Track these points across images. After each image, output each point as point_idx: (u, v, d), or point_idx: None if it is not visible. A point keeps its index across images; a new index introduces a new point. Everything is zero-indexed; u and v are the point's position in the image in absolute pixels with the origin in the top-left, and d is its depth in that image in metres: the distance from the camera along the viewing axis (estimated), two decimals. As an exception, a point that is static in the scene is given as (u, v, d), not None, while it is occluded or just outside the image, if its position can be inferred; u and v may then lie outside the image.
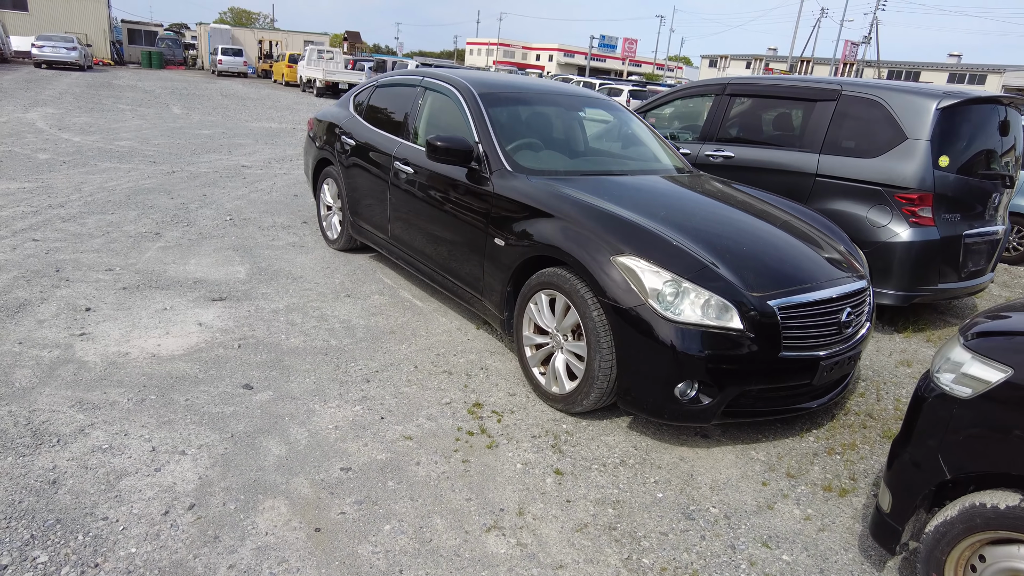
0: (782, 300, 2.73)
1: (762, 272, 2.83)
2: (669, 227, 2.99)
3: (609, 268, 2.81)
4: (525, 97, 4.12)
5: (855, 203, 4.51)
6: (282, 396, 3.13)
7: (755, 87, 5.34)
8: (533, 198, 3.29)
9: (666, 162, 4.27)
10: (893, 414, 3.44)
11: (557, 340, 3.14)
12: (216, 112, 16.61)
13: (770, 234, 3.20)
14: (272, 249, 5.44)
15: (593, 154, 4.19)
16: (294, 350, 3.62)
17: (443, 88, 4.19)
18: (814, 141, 4.79)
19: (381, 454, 2.73)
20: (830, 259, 3.16)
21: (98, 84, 21.85)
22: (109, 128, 12.00)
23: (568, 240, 3.01)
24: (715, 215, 3.30)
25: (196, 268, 4.83)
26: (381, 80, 5.06)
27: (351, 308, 4.27)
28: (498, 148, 3.62)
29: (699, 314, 2.65)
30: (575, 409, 3.06)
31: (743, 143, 5.27)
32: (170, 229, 5.80)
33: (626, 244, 2.83)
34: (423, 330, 4.02)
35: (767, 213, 3.51)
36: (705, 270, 2.73)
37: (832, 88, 4.75)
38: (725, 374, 2.67)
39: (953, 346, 1.98)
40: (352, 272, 4.99)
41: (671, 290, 2.68)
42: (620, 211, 3.06)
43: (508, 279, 3.37)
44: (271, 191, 7.81)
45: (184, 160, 9.43)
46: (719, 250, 2.89)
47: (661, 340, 2.65)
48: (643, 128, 4.54)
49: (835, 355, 2.88)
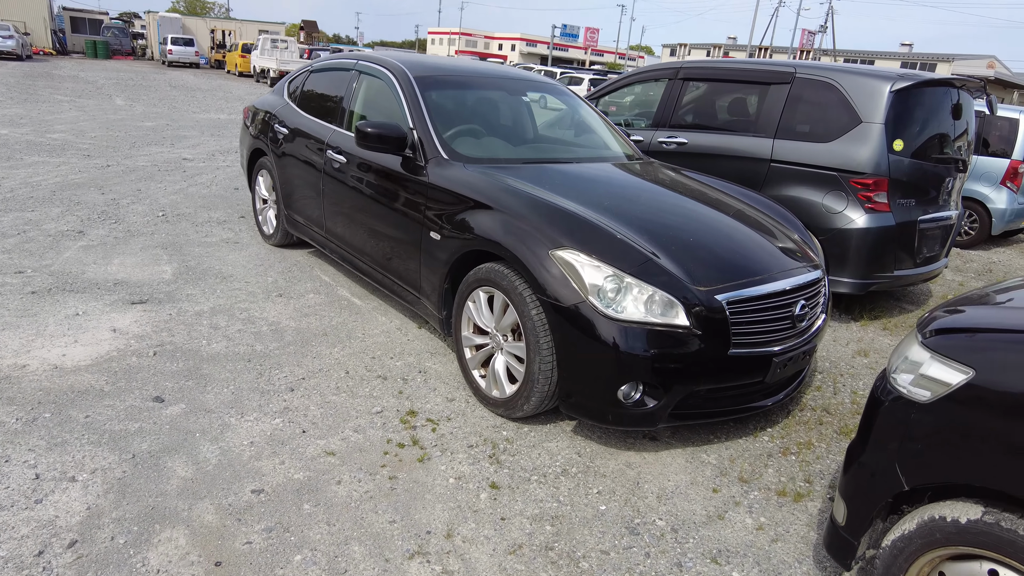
0: (731, 294, 2.55)
1: (710, 264, 2.64)
2: (613, 218, 2.79)
3: (547, 263, 2.59)
4: (465, 81, 3.86)
5: (811, 189, 4.38)
6: (195, 409, 2.85)
7: (708, 71, 5.17)
8: (469, 188, 3.05)
9: (615, 150, 4.07)
10: (850, 408, 3.31)
11: (497, 341, 2.92)
12: (162, 103, 15.93)
13: (720, 224, 3.02)
14: (204, 246, 5.09)
15: (538, 141, 3.96)
16: (215, 357, 3.33)
17: (377, 71, 3.91)
18: (768, 126, 4.64)
19: (299, 473, 2.48)
20: (783, 249, 2.99)
21: (35, 74, 20.81)
22: (42, 120, 11.35)
23: (505, 233, 2.78)
24: (662, 204, 3.10)
25: (119, 269, 4.48)
26: (315, 64, 4.74)
27: (282, 309, 3.98)
28: (434, 135, 3.37)
29: (643, 311, 2.46)
30: (516, 415, 2.84)
31: (697, 129, 5.11)
32: (96, 227, 5.41)
33: (566, 237, 2.62)
34: (359, 331, 3.76)
35: (718, 201, 3.34)
36: (649, 263, 2.53)
37: (786, 71, 4.61)
38: (671, 374, 2.48)
39: (911, 344, 1.80)
40: (287, 269, 4.69)
41: (612, 286, 2.48)
42: (560, 201, 2.85)
43: (445, 275, 3.14)
44: (211, 184, 7.42)
45: (121, 153, 8.93)
46: (665, 242, 2.69)
47: (603, 340, 2.44)
48: (592, 114, 4.33)
49: (789, 350, 2.71)
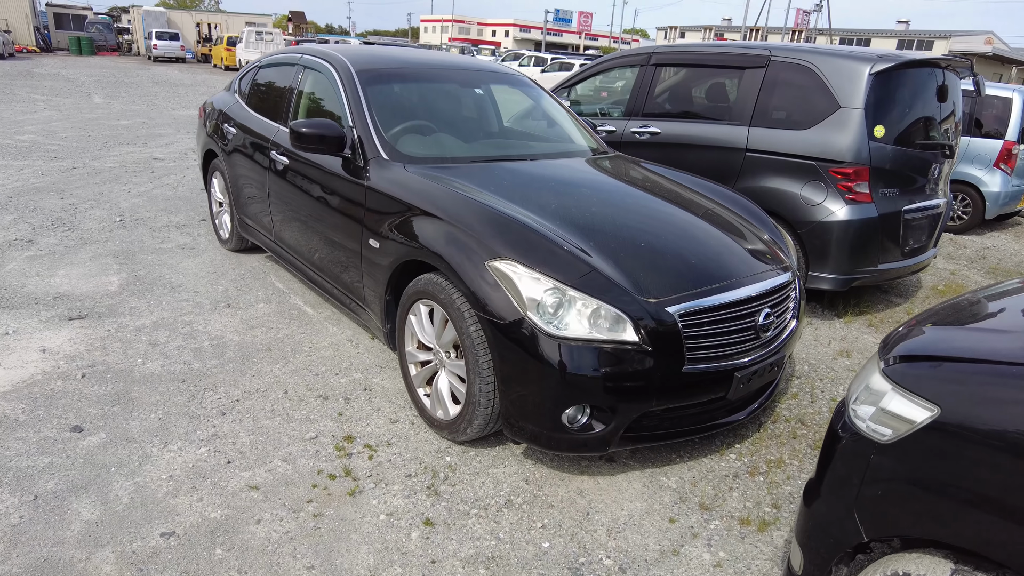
0: (684, 305, 2.32)
1: (663, 272, 2.41)
2: (560, 223, 2.56)
3: (484, 274, 2.36)
4: (413, 73, 3.61)
5: (788, 180, 4.14)
6: (116, 439, 2.63)
7: (681, 56, 4.91)
8: (408, 190, 2.82)
9: (579, 143, 3.82)
10: (828, 419, 3.09)
11: (440, 358, 2.69)
12: (142, 100, 15.63)
13: (681, 225, 2.78)
14: (158, 253, 4.86)
15: (492, 137, 3.71)
16: (147, 378, 3.11)
17: (319, 65, 3.66)
18: (743, 113, 4.39)
19: (216, 511, 2.27)
20: (749, 250, 2.76)
21: (14, 73, 20.47)
22: (13, 121, 11.08)
23: (442, 241, 2.55)
24: (619, 205, 2.86)
25: (63, 281, 4.25)
26: (264, 59, 4.49)
27: (228, 321, 3.75)
28: (374, 133, 3.13)
29: (587, 327, 2.23)
30: (460, 438, 2.62)
31: (670, 118, 4.86)
32: (47, 235, 5.17)
33: (504, 246, 2.38)
34: (306, 344, 3.53)
35: (682, 200, 3.10)
36: (593, 274, 2.30)
37: (760, 54, 4.35)
38: (621, 395, 2.26)
39: (872, 370, 1.58)
40: (241, 277, 4.46)
41: (553, 300, 2.25)
42: (502, 205, 2.61)
43: (386, 286, 2.91)
44: (178, 186, 7.17)
45: (90, 154, 8.68)
46: (615, 249, 2.46)
47: (544, 359, 2.22)
48: (554, 106, 4.08)
49: (753, 363, 2.49)
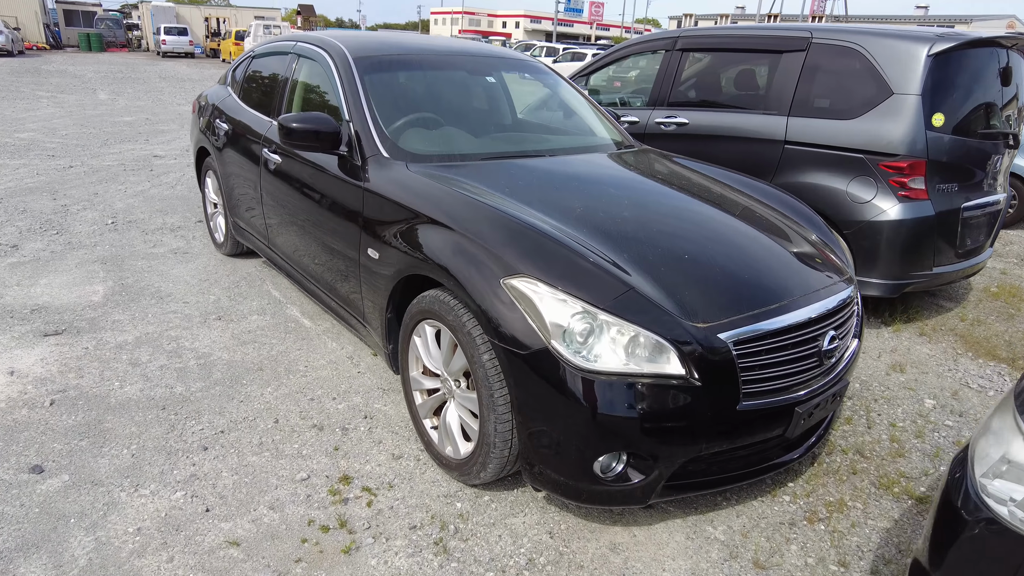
0: (738, 331, 1.95)
1: (711, 290, 2.04)
2: (586, 231, 2.19)
3: (499, 294, 2.00)
4: (416, 60, 3.25)
5: (832, 175, 3.74)
6: (80, 481, 2.31)
7: (710, 39, 4.51)
8: (410, 193, 2.46)
9: (601, 136, 3.44)
10: (889, 449, 2.71)
11: (448, 386, 2.34)
12: (147, 96, 15.38)
13: (727, 233, 2.40)
14: (148, 259, 4.55)
15: (505, 130, 3.35)
16: (124, 405, 2.79)
17: (314, 53, 3.30)
18: (781, 101, 3.99)
19: (188, 574, 1.94)
20: (805, 260, 2.38)
21: (23, 70, 20.31)
22: (15, 119, 10.84)
23: (448, 253, 2.19)
24: (652, 209, 2.49)
25: (44, 290, 3.94)
26: (257, 48, 4.14)
27: (217, 336, 3.42)
28: (372, 128, 2.78)
29: (623, 358, 1.87)
30: (472, 481, 2.28)
31: (699, 107, 4.46)
32: (33, 239, 4.88)
33: (521, 260, 2.02)
34: (302, 362, 3.20)
35: (723, 200, 2.72)
36: (630, 294, 1.93)
37: (800, 36, 3.94)
38: (664, 439, 1.90)
39: (1011, 434, 1.21)
40: (235, 284, 4.13)
41: (583, 326, 1.89)
42: (517, 210, 2.25)
43: (387, 303, 2.56)
44: (176, 185, 6.86)
45: (89, 152, 8.40)
46: (653, 262, 2.09)
47: (571, 397, 1.86)
48: (574, 95, 3.70)
49: (815, 395, 2.12)
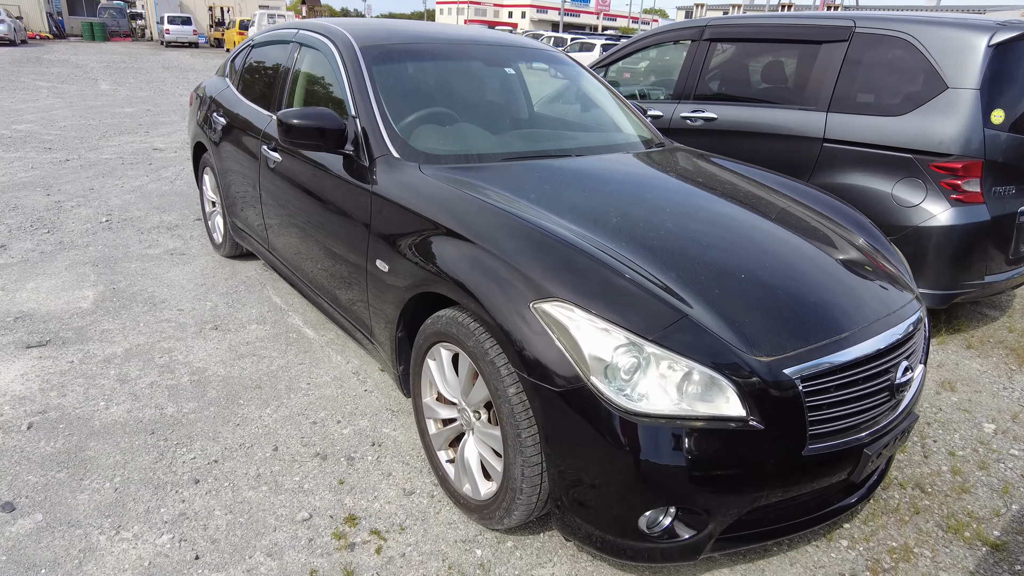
0: (807, 365, 1.69)
1: (773, 318, 1.78)
2: (626, 245, 1.93)
3: (528, 319, 1.74)
4: (429, 49, 2.97)
5: (876, 176, 3.46)
6: (55, 522, 2.07)
7: (741, 29, 4.22)
8: (423, 200, 2.20)
9: (628, 133, 3.17)
10: (952, 483, 2.45)
11: (466, 417, 2.09)
12: (149, 87, 15.12)
13: (781, 248, 2.12)
14: (143, 260, 4.30)
15: (526, 127, 3.07)
16: (108, 428, 2.55)
17: (317, 42, 3.04)
18: (819, 96, 3.71)
19: (172, 641, 1.70)
20: (872, 280, 2.11)
21: (24, 60, 20.06)
22: (12, 109, 10.60)
23: (468, 269, 1.93)
24: (695, 218, 2.22)
25: (30, 296, 3.70)
26: (257, 36, 3.88)
27: (214, 348, 3.18)
28: (381, 125, 2.51)
29: (674, 398, 1.61)
30: (495, 527, 2.03)
31: (728, 101, 4.18)
32: (23, 239, 4.64)
33: (554, 280, 1.76)
34: (304, 379, 2.95)
35: (773, 209, 2.45)
36: (684, 323, 1.67)
37: (842, 25, 3.66)
38: (718, 491, 1.64)
39: None
40: (233, 289, 3.89)
41: (628, 361, 1.63)
42: (548, 221, 1.98)
43: (397, 321, 2.31)
44: (175, 179, 6.61)
45: (88, 145, 8.16)
46: (705, 284, 1.82)
47: (613, 442, 1.61)
48: (598, 88, 3.43)
49: (886, 432, 1.86)
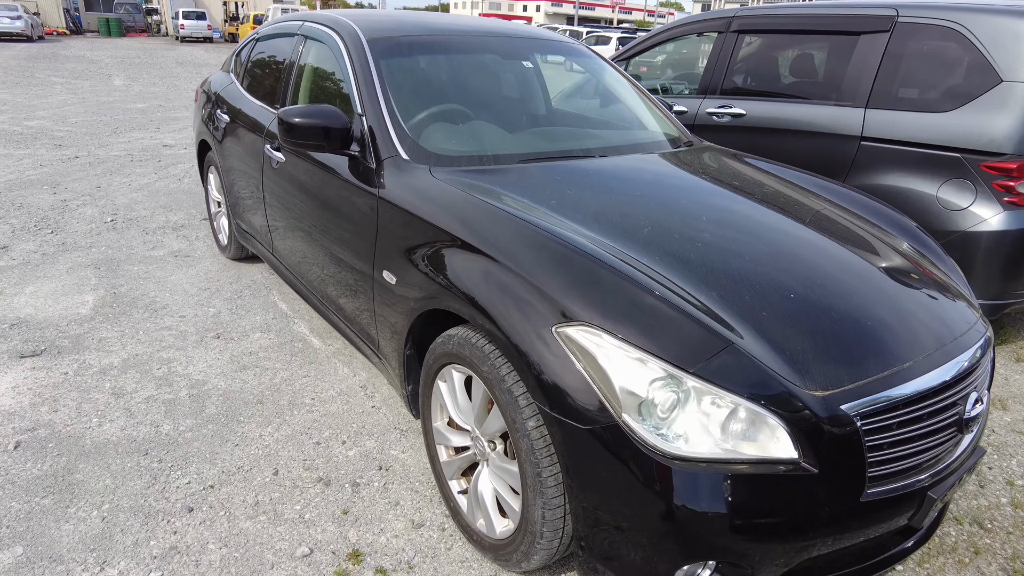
0: (867, 400, 1.48)
1: (828, 345, 1.57)
2: (658, 259, 1.72)
3: (551, 345, 1.55)
4: (441, 42, 2.77)
5: (919, 177, 3.22)
6: (36, 556, 1.91)
7: (771, 20, 3.98)
8: (433, 206, 2.01)
9: (656, 131, 2.96)
10: (1013, 519, 2.22)
11: (480, 447, 1.91)
12: (162, 82, 15.06)
13: (833, 264, 1.90)
14: (146, 263, 4.16)
15: (544, 124, 2.87)
16: (100, 448, 2.39)
17: (322, 34, 2.85)
18: (857, 90, 3.47)
19: None
20: (934, 300, 1.88)
21: (41, 56, 20.11)
22: (26, 106, 10.55)
23: (482, 286, 1.74)
24: (737, 228, 2.00)
25: (29, 300, 3.57)
26: (262, 29, 3.70)
27: (215, 359, 3.02)
28: (389, 123, 2.32)
29: (717, 438, 1.41)
30: (512, 569, 1.84)
31: (757, 96, 3.95)
32: (25, 239, 4.51)
33: (579, 301, 1.56)
34: (309, 393, 2.78)
35: (818, 217, 2.23)
36: (729, 353, 1.47)
37: (883, 14, 3.41)
38: (766, 543, 1.44)
39: None
40: (238, 294, 3.73)
41: (666, 396, 1.43)
42: (569, 231, 1.79)
43: (406, 337, 2.12)
44: (183, 177, 6.48)
45: (98, 141, 8.07)
46: (751, 305, 1.62)
47: (647, 488, 1.41)
48: (621, 82, 3.21)
49: (951, 472, 1.65)
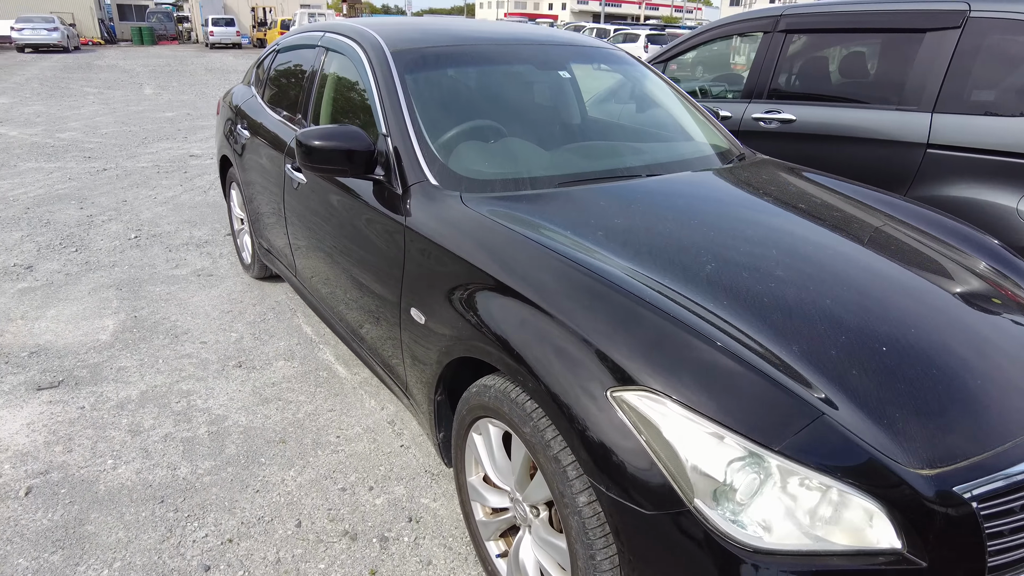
0: (985, 480, 1.24)
1: (932, 412, 1.32)
2: (727, 306, 1.49)
3: (605, 412, 1.34)
4: (470, 53, 2.57)
5: (996, 189, 2.93)
6: (41, 623, 1.76)
7: (825, 18, 3.70)
8: (466, 240, 1.81)
9: (703, 144, 2.71)
10: None
11: (522, 512, 1.70)
12: (191, 90, 15.17)
13: (928, 307, 1.64)
14: (168, 283, 4.04)
15: (581, 138, 2.63)
16: (114, 495, 2.24)
17: (343, 46, 2.67)
18: (922, 94, 3.18)
19: None
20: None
21: (75, 66, 20.47)
22: (59, 117, 10.66)
23: (524, 337, 1.53)
24: (811, 262, 1.75)
25: (49, 326, 3.46)
26: (283, 40, 3.54)
27: (236, 390, 2.86)
28: (416, 145, 2.13)
29: (806, 526, 1.19)
30: (557, 651, 1.63)
31: (808, 100, 3.68)
32: (50, 259, 4.44)
33: (637, 360, 1.34)
34: (333, 430, 2.60)
35: (907, 250, 1.97)
36: (820, 425, 1.24)
37: (953, 9, 3.12)
38: (868, 651, 1.21)
39: None
40: (261, 316, 3.58)
41: (747, 479, 1.21)
42: (623, 272, 1.57)
43: (436, 383, 1.93)
44: (208, 189, 6.40)
45: (126, 152, 8.06)
46: (836, 360, 1.38)
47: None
48: (665, 89, 2.98)
49: (1078, 554, 1.40)
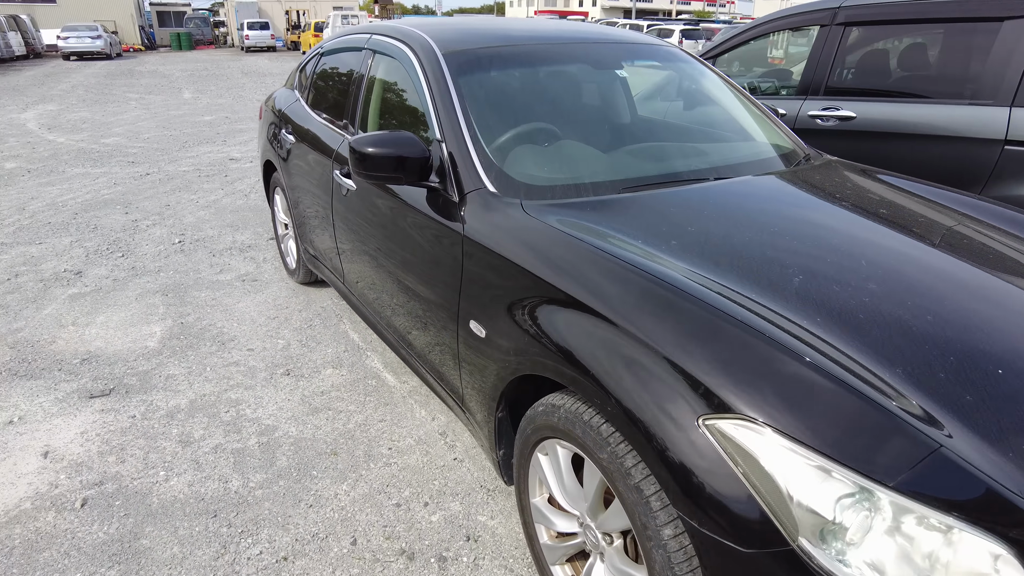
0: None
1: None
2: (822, 324, 1.38)
3: (695, 441, 1.24)
4: (524, 53, 2.48)
5: (1084, 184, 2.74)
6: (99, 643, 1.73)
7: (887, 8, 3.52)
8: (529, 251, 1.72)
9: (761, 144, 2.58)
10: None
11: (593, 539, 1.61)
12: (229, 93, 15.39)
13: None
14: (213, 288, 4.04)
15: (642, 139, 2.52)
16: (167, 508, 2.21)
17: (392, 48, 2.60)
18: (999, 86, 3.00)
19: None
20: None
21: (118, 73, 20.97)
22: (103, 123, 10.89)
23: (600, 357, 1.44)
24: (905, 274, 1.62)
25: (99, 332, 3.48)
26: (327, 43, 3.50)
27: (284, 400, 2.83)
28: (472, 151, 2.05)
29: (923, 569, 1.07)
30: None
31: (869, 96, 3.50)
32: (98, 264, 4.49)
33: (732, 384, 1.24)
34: (385, 442, 2.54)
35: (996, 257, 1.83)
36: (938, 459, 1.12)
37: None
38: None
39: None
40: (308, 323, 3.55)
41: (858, 517, 1.10)
42: (706, 285, 1.46)
43: (498, 400, 1.85)
44: (249, 192, 6.44)
45: (168, 156, 8.18)
46: (945, 383, 1.26)
47: (833, 633, 1.09)
48: (722, 87, 2.85)
49: None
